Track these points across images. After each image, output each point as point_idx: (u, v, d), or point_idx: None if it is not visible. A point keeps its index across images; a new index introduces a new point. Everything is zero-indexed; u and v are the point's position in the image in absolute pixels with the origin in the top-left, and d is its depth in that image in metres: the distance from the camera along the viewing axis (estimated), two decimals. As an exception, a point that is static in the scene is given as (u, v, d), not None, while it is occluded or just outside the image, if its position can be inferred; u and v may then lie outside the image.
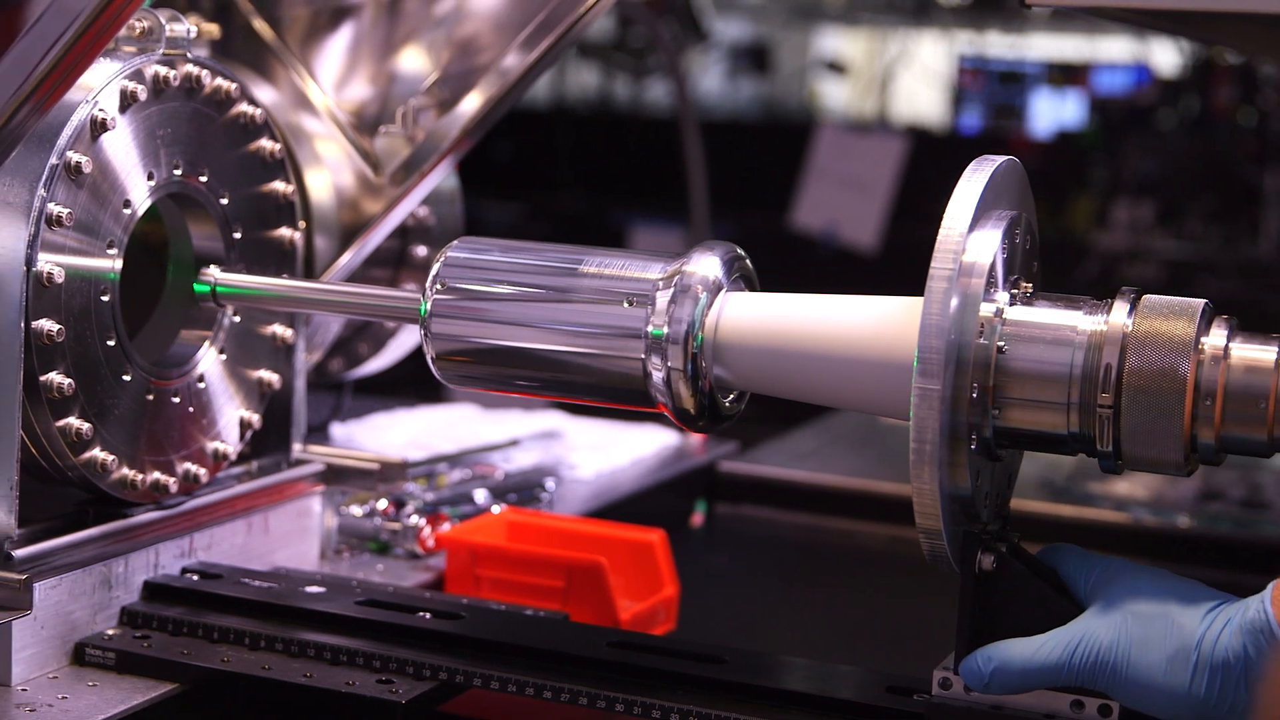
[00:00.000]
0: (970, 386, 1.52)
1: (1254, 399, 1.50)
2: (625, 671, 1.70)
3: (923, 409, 1.49)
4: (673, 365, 1.67)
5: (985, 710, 1.56)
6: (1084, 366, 1.53)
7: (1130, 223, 6.88)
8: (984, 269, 1.53)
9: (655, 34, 4.58)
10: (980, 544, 1.55)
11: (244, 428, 2.03)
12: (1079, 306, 1.57)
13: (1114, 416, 1.52)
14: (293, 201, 2.05)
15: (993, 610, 1.55)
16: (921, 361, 1.49)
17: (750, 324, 1.67)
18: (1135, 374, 1.51)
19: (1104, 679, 1.50)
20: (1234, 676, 1.46)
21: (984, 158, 1.59)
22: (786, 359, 1.65)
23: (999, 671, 1.53)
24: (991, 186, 1.57)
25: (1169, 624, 1.49)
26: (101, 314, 1.81)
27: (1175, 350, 1.51)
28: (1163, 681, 1.48)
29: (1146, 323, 1.53)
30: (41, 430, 1.76)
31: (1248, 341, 1.52)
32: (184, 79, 1.88)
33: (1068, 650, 1.51)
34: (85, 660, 1.79)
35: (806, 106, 10.89)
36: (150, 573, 1.90)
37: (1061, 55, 10.10)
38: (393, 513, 2.23)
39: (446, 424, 2.81)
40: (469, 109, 2.19)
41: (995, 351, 1.55)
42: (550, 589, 2.02)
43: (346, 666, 1.76)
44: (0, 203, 1.72)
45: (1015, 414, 1.56)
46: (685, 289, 1.68)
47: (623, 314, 1.70)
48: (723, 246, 1.73)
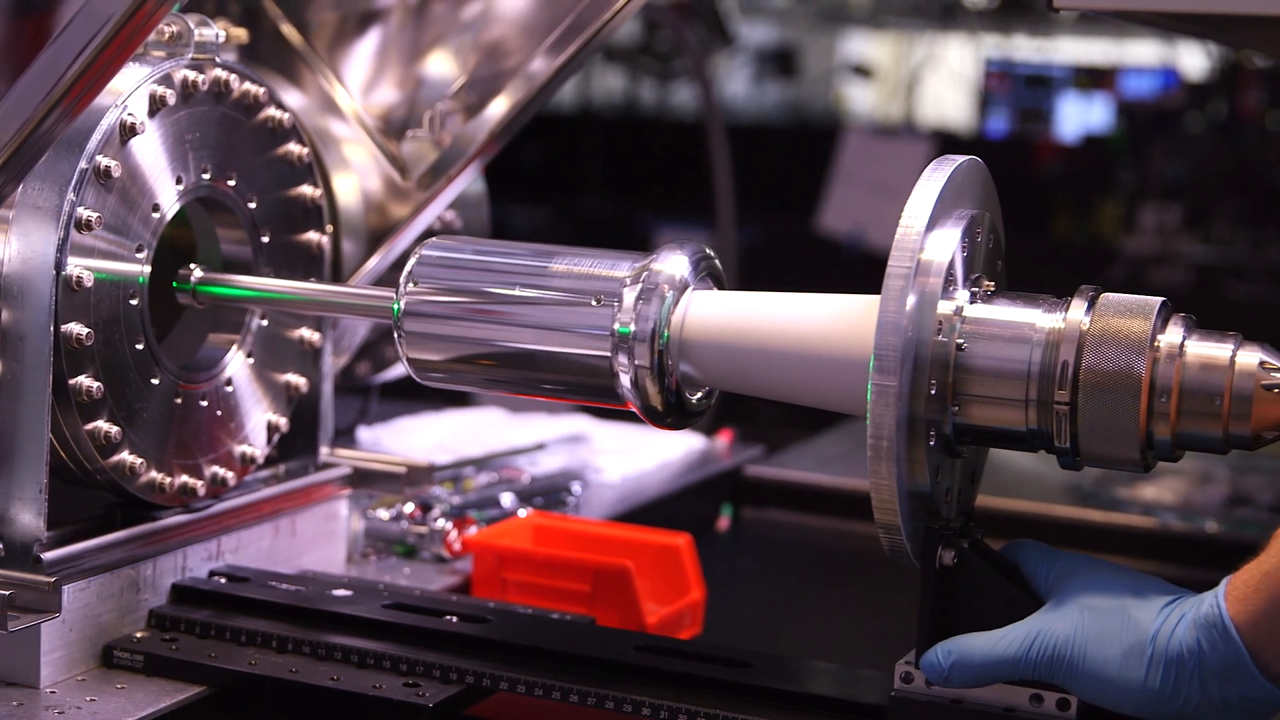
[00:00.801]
0: (928, 383, 1.54)
1: (1209, 396, 1.51)
2: (651, 675, 1.70)
3: (879, 405, 1.51)
4: (639, 363, 1.69)
5: (946, 704, 1.57)
6: (1041, 364, 1.55)
7: (1157, 227, 6.87)
8: (942, 267, 1.55)
9: (681, 38, 4.58)
10: (941, 539, 1.57)
11: (271, 431, 2.03)
12: (1038, 305, 1.58)
13: (1071, 413, 1.53)
14: (320, 205, 2.05)
15: (954, 605, 1.57)
16: (878, 358, 1.51)
17: (715, 322, 1.69)
18: (1091, 371, 1.53)
19: (1060, 672, 1.51)
20: (1188, 670, 1.47)
21: (945, 157, 1.61)
22: (750, 356, 1.67)
23: (958, 665, 1.55)
24: (951, 186, 1.58)
25: (1125, 618, 1.50)
26: (130, 317, 1.81)
27: (1131, 348, 1.52)
28: (1118, 675, 1.49)
29: (1103, 321, 1.54)
30: (70, 433, 1.77)
31: (1204, 339, 1.53)
32: (212, 83, 1.89)
33: (1025, 644, 1.52)
34: (113, 663, 1.79)
35: (832, 110, 10.88)
36: (178, 575, 1.90)
37: (1088, 59, 10.08)
38: (419, 516, 2.24)
39: (473, 428, 2.82)
40: (496, 113, 2.19)
41: (955, 349, 1.57)
42: (576, 593, 2.02)
43: (373, 670, 1.76)
44: (30, 207, 1.73)
45: (975, 410, 1.57)
46: (652, 287, 1.70)
47: (591, 312, 1.72)
48: (691, 246, 1.75)
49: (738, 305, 1.70)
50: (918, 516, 1.57)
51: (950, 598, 1.57)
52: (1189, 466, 2.91)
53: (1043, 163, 8.01)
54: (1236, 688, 1.46)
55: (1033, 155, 8.16)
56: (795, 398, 1.69)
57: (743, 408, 2.09)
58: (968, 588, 1.57)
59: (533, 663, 1.74)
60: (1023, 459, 2.78)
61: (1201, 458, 2.95)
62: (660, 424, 1.73)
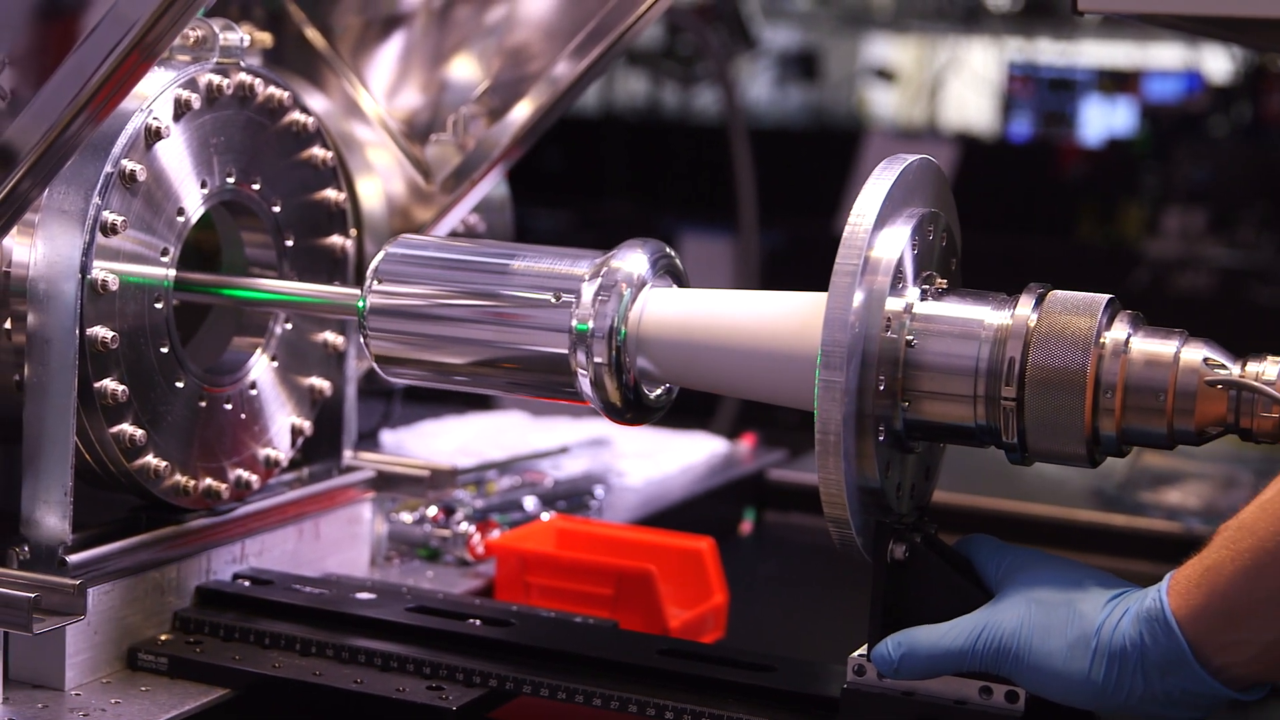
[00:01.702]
0: (876, 379, 1.56)
1: (1154, 392, 1.53)
2: (674, 679, 1.70)
3: (826, 401, 1.52)
4: (597, 359, 1.71)
5: (897, 696, 1.59)
6: (989, 360, 1.57)
7: (1182, 231, 6.85)
8: (890, 265, 1.57)
9: (704, 41, 4.58)
10: (893, 534, 1.59)
11: (295, 434, 2.04)
12: (988, 302, 1.60)
13: (1017, 409, 1.55)
14: (344, 209, 2.06)
15: (906, 598, 1.59)
16: (825, 354, 1.53)
17: (671, 319, 1.71)
18: (1037, 368, 1.54)
19: (1007, 665, 1.53)
20: (1130, 664, 1.48)
21: (896, 156, 1.62)
22: (705, 352, 1.69)
23: (907, 657, 1.56)
24: (902, 184, 1.60)
25: (1071, 611, 1.51)
26: (155, 321, 1.82)
27: (1076, 344, 1.54)
28: (1062, 668, 1.50)
29: (1049, 318, 1.56)
30: (96, 436, 1.77)
31: (1150, 336, 1.55)
32: (237, 87, 1.89)
33: (972, 636, 1.54)
34: (138, 665, 1.80)
35: (855, 114, 10.87)
36: (202, 578, 1.91)
37: (1112, 62, 10.06)
38: (442, 519, 2.24)
39: (496, 431, 2.82)
40: (520, 117, 2.20)
41: (904, 345, 1.58)
42: (600, 596, 2.02)
43: (397, 673, 1.76)
44: (56, 210, 1.73)
45: (924, 406, 1.59)
46: (611, 285, 1.72)
47: (551, 309, 1.73)
48: (651, 244, 1.77)
49: (694, 302, 1.72)
50: (868, 511, 1.59)
51: (902, 591, 1.59)
52: (1214, 470, 2.90)
53: (1066, 166, 7.99)
54: (1178, 681, 1.47)
55: (1056, 159, 8.14)
56: (749, 393, 1.71)
57: (766, 412, 2.09)
58: (919, 581, 1.59)
59: (556, 666, 1.74)
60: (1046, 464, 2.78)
61: (1226, 461, 2.95)
62: (620, 420, 1.76)
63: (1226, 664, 1.46)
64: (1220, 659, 1.46)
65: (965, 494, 2.65)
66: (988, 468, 2.84)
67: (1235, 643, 1.45)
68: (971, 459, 2.69)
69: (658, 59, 8.82)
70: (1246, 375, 1.50)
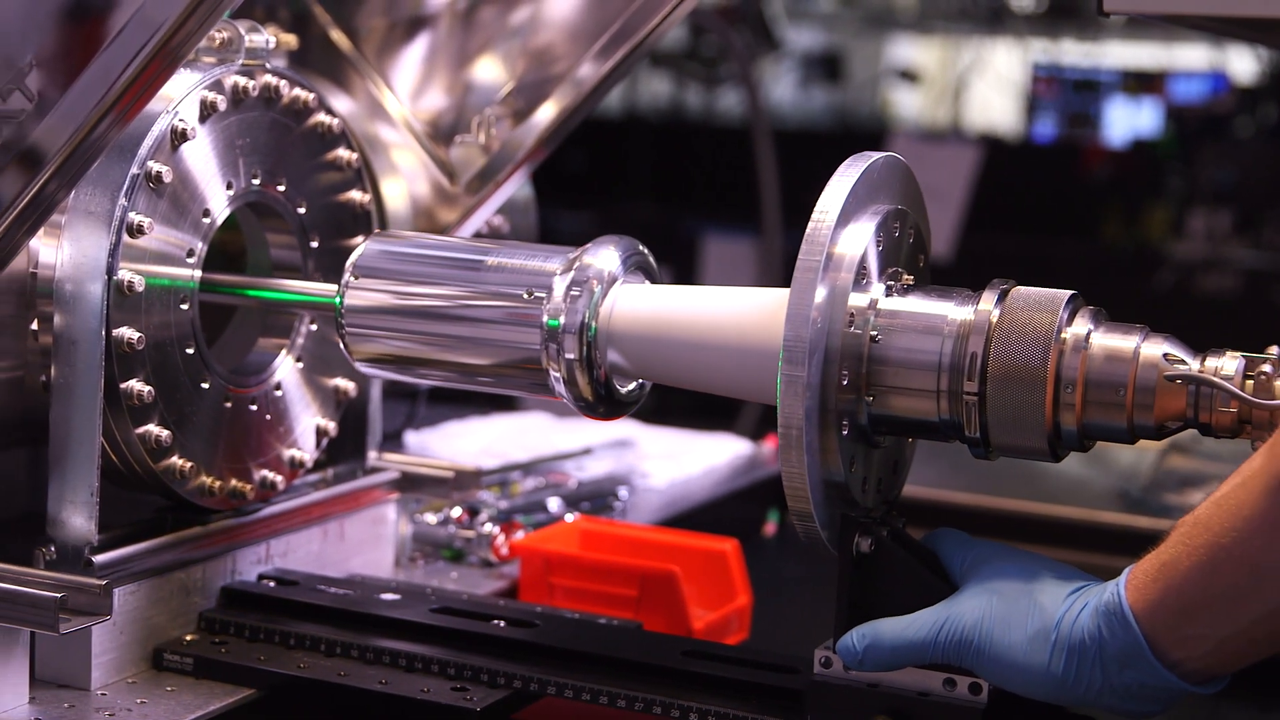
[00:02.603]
0: (840, 374, 1.58)
1: (1113, 387, 1.54)
2: (698, 680, 1.70)
3: (788, 395, 1.54)
4: (568, 355, 1.73)
5: (862, 688, 1.60)
6: (952, 356, 1.58)
7: (1207, 232, 6.82)
8: (854, 261, 1.59)
9: (728, 43, 4.58)
10: (858, 527, 1.60)
11: (320, 435, 2.04)
12: (952, 298, 1.61)
13: (980, 404, 1.57)
14: (369, 210, 2.06)
15: (872, 591, 1.60)
16: (786, 350, 1.54)
17: (641, 314, 1.73)
18: (998, 363, 1.56)
19: (969, 657, 1.54)
20: (1089, 657, 1.50)
21: (862, 154, 1.64)
22: (673, 348, 1.72)
23: (871, 648, 1.58)
24: (866, 182, 1.62)
25: (1032, 604, 1.53)
26: (181, 322, 1.82)
27: (1037, 339, 1.55)
28: (1022, 660, 1.51)
29: (1011, 314, 1.57)
30: (121, 437, 1.78)
31: (1110, 331, 1.56)
32: (262, 89, 1.90)
33: (934, 628, 1.55)
34: (163, 665, 1.81)
35: (879, 115, 10.86)
36: (227, 579, 1.91)
37: (1137, 63, 10.03)
38: (467, 520, 2.24)
39: (520, 432, 2.82)
40: (544, 118, 2.20)
41: (868, 341, 1.60)
42: (623, 598, 2.02)
43: (422, 674, 1.76)
44: (83, 212, 1.74)
45: (889, 401, 1.61)
46: (582, 281, 1.74)
47: (523, 305, 1.76)
48: (623, 240, 1.79)
49: (664, 299, 1.74)
50: (833, 504, 1.61)
51: (868, 584, 1.61)
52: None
53: (1091, 167, 7.97)
54: (1136, 674, 1.48)
55: (1081, 160, 8.12)
56: (716, 388, 1.73)
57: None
58: (885, 574, 1.60)
59: (580, 667, 1.74)
60: (1071, 467, 2.77)
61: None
62: (592, 414, 1.78)
63: (1183, 658, 1.47)
64: (1177, 653, 1.47)
65: (989, 495, 2.65)
66: (1011, 469, 2.84)
67: (1191, 637, 1.46)
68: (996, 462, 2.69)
69: (681, 60, 8.81)
70: (1206, 370, 1.52)
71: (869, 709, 1.59)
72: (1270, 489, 1.39)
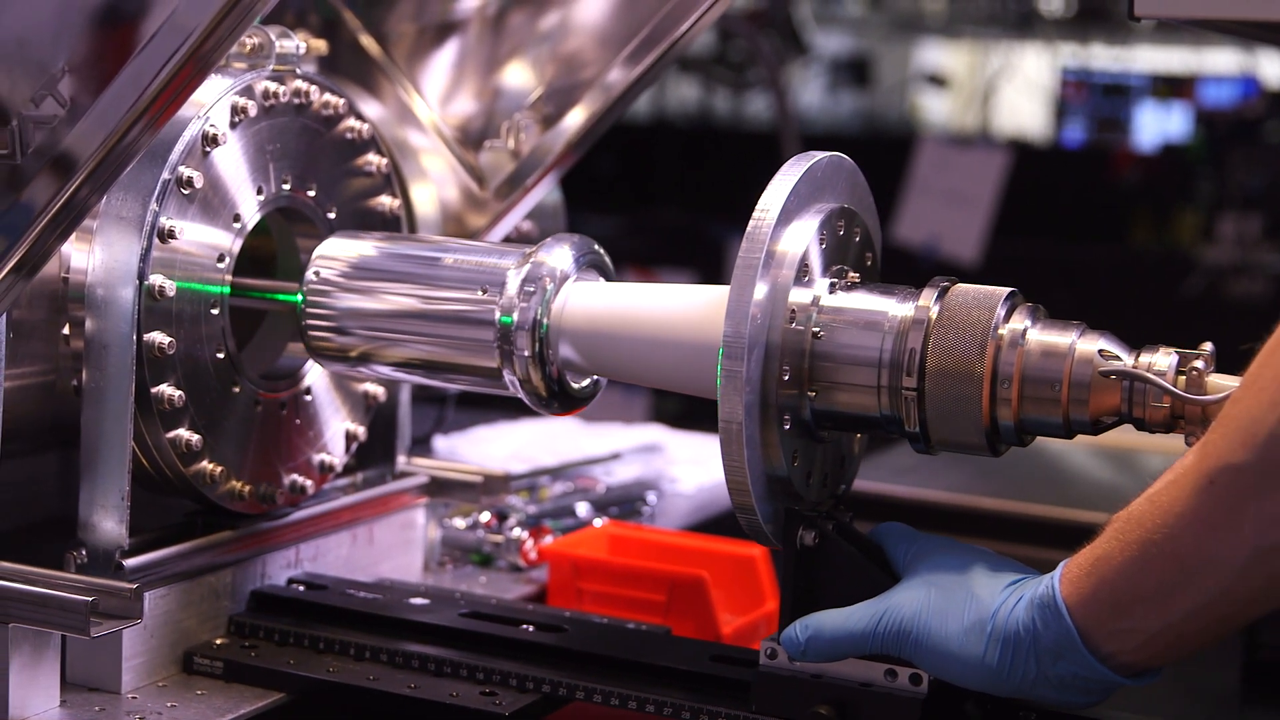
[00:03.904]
0: (781, 370, 1.60)
1: (1049, 382, 1.56)
2: (727, 685, 1.70)
3: (728, 390, 1.57)
4: (521, 351, 1.76)
5: (807, 679, 1.62)
6: (892, 352, 1.60)
7: (1237, 237, 6.80)
8: (795, 258, 1.61)
9: (756, 47, 4.58)
10: (802, 521, 1.63)
11: (349, 440, 2.05)
12: (894, 295, 1.63)
13: (918, 399, 1.59)
14: (399, 215, 2.06)
15: (817, 584, 1.63)
16: (726, 345, 1.57)
17: (591, 311, 1.76)
18: (937, 359, 1.58)
19: (907, 647, 1.56)
20: (1024, 648, 1.51)
21: (806, 154, 1.67)
22: (621, 343, 1.75)
23: (813, 639, 1.60)
24: (810, 181, 1.64)
25: (969, 596, 1.55)
26: (212, 327, 1.83)
27: (974, 336, 1.58)
28: (958, 651, 1.54)
29: (950, 310, 1.60)
30: (152, 441, 1.78)
31: (1048, 328, 1.58)
32: (293, 94, 1.90)
33: (874, 619, 1.57)
34: (193, 669, 1.81)
35: (907, 120, 10.85)
36: (257, 583, 1.92)
37: (1167, 67, 10.01)
38: (495, 525, 2.24)
39: (548, 437, 2.82)
40: (573, 124, 2.20)
41: (811, 337, 1.62)
42: (652, 603, 2.02)
43: (450, 678, 1.77)
44: (114, 217, 1.75)
45: (831, 396, 1.63)
46: (536, 279, 1.77)
47: (477, 302, 1.79)
48: (577, 239, 1.82)
49: (614, 296, 1.78)
50: (777, 498, 1.63)
51: (813, 577, 1.63)
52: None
53: (1120, 172, 7.95)
54: (1069, 666, 1.50)
55: (1110, 165, 8.10)
56: (665, 384, 1.76)
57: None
58: (829, 567, 1.63)
59: (608, 672, 1.74)
60: (1102, 473, 2.76)
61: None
62: (547, 410, 1.81)
63: (1115, 651, 1.49)
64: (1109, 646, 1.49)
65: (1017, 500, 2.64)
66: (1039, 476, 2.83)
67: (1123, 631, 1.48)
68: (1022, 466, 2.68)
69: (709, 65, 8.81)
70: (1140, 366, 1.54)
71: (812, 699, 1.62)
72: (1200, 487, 1.41)
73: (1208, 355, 1.52)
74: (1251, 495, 1.37)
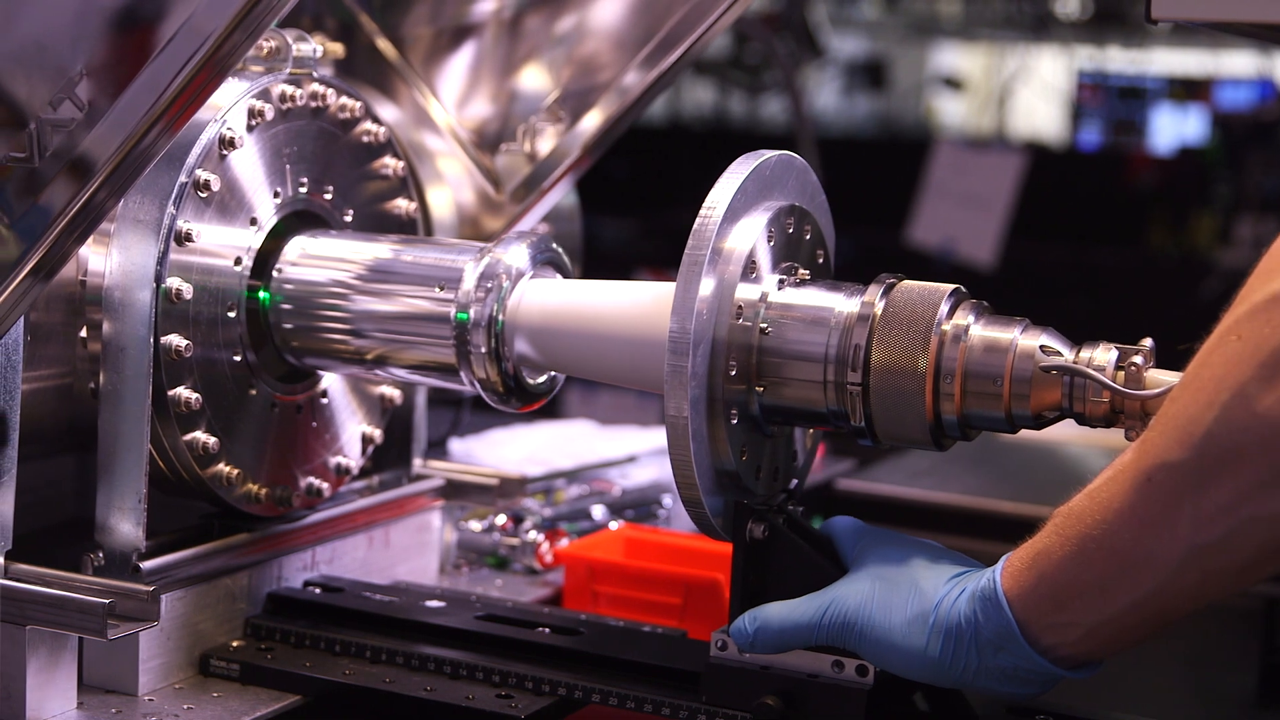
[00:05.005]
0: (728, 365, 1.62)
1: (991, 378, 1.58)
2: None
3: (674, 384, 1.58)
4: (477, 347, 1.79)
5: (756, 670, 1.64)
6: (838, 347, 1.62)
7: (1254, 240, 6.79)
8: (742, 255, 1.63)
9: (771, 50, 4.58)
10: (752, 514, 1.65)
11: (366, 443, 2.05)
12: (841, 291, 1.65)
13: (863, 395, 1.61)
14: (415, 219, 2.07)
15: (767, 576, 1.65)
16: (671, 341, 1.59)
17: (545, 307, 1.79)
18: (881, 354, 1.60)
19: (852, 639, 1.58)
20: (965, 640, 1.53)
21: (755, 152, 1.69)
22: (574, 339, 1.77)
23: (761, 630, 1.62)
24: (758, 179, 1.67)
25: (912, 589, 1.57)
26: (229, 329, 1.83)
27: (917, 332, 1.59)
28: (901, 642, 1.56)
29: (894, 307, 1.61)
30: (169, 444, 1.79)
31: (990, 324, 1.60)
32: (309, 98, 1.91)
33: (819, 611, 1.60)
34: (210, 671, 1.81)
35: (923, 123, 10.84)
36: (274, 585, 1.92)
37: (1184, 70, 9.99)
38: (511, 528, 2.25)
39: (564, 440, 2.82)
40: (589, 127, 2.20)
41: (759, 333, 1.64)
42: (668, 605, 2.02)
43: (466, 681, 1.77)
44: (131, 220, 1.75)
45: (779, 391, 1.65)
46: (492, 276, 1.80)
47: (434, 299, 1.82)
48: (533, 237, 1.85)
49: (568, 292, 1.80)
50: (727, 492, 1.65)
51: (762, 570, 1.65)
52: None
53: (1137, 175, 7.94)
54: (1009, 658, 1.52)
55: (1126, 167, 8.09)
56: (617, 379, 1.79)
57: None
58: (779, 560, 1.65)
59: (624, 675, 1.74)
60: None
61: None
62: (505, 405, 1.84)
63: (1055, 643, 1.51)
64: (1048, 639, 1.51)
65: (1034, 504, 2.63)
66: (1059, 480, 2.83)
67: (1062, 624, 1.50)
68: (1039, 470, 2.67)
69: (725, 68, 8.82)
70: (1080, 361, 1.55)
71: (760, 690, 1.63)
72: (1138, 485, 1.42)
73: (1147, 351, 1.55)
74: (1188, 493, 1.39)
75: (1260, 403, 1.35)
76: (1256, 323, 1.37)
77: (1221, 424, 1.36)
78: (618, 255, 6.80)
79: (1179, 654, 2.27)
